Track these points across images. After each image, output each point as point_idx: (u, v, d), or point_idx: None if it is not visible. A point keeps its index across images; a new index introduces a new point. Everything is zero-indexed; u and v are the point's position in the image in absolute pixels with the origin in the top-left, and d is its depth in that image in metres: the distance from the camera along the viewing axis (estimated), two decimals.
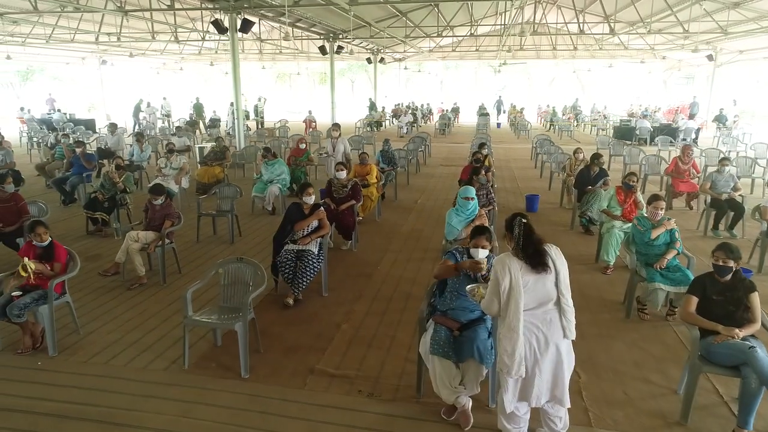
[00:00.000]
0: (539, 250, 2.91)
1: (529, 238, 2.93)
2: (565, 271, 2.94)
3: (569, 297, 2.93)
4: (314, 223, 5.52)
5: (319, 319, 4.98)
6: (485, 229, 3.70)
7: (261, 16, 15.42)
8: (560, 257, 2.96)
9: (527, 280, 2.87)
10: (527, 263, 2.88)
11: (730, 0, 16.30)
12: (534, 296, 2.89)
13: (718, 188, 7.76)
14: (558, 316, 2.92)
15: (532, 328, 2.91)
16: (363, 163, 8.63)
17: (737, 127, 19.31)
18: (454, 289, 3.66)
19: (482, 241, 3.61)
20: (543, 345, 2.92)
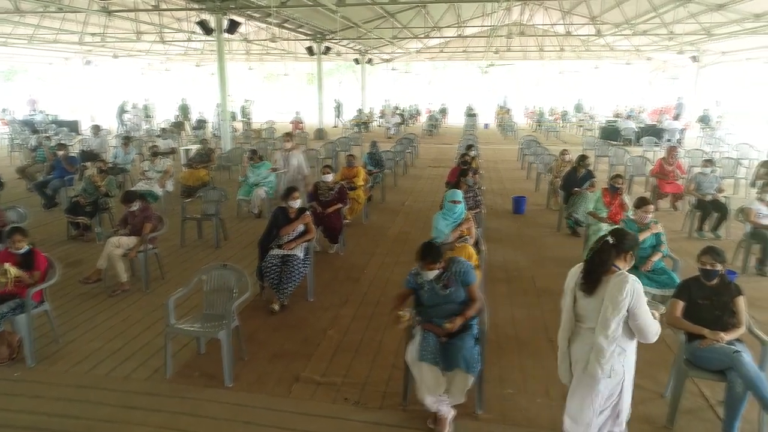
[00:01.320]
0: (594, 271, 2.75)
1: (597, 256, 2.76)
2: (615, 309, 2.63)
3: (603, 336, 2.66)
4: (300, 227, 5.46)
5: (305, 324, 4.93)
6: (430, 254, 3.50)
7: (247, 16, 15.31)
8: (617, 294, 2.63)
9: (580, 294, 2.83)
10: (581, 278, 2.82)
11: (714, 2, 16.45)
12: (582, 311, 2.83)
13: (703, 189, 7.82)
14: (592, 343, 2.76)
15: (578, 341, 2.87)
16: (350, 166, 8.59)
17: (721, 127, 19.52)
18: (428, 305, 3.61)
19: (428, 264, 3.49)
20: (577, 361, 2.87)
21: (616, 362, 2.71)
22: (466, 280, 3.61)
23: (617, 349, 2.70)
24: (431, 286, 3.57)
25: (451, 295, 3.55)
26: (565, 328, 2.91)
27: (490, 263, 6.61)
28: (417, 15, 20.31)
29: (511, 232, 8.09)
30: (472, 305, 3.59)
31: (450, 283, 3.55)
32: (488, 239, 7.62)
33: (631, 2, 17.54)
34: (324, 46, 20.71)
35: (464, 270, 3.62)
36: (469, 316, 3.54)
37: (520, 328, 4.89)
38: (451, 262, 3.66)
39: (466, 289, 3.61)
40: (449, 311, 3.56)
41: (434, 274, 3.54)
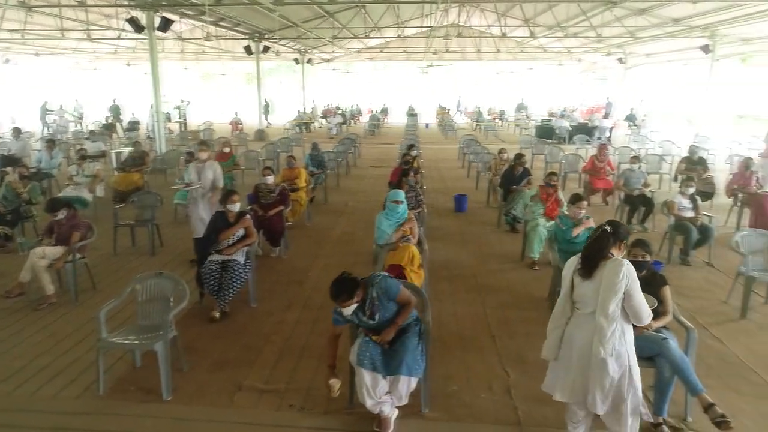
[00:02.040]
0: (591, 257, 2.93)
1: (594, 244, 2.95)
2: (612, 291, 2.80)
3: (603, 317, 2.82)
4: (240, 231, 5.33)
5: (248, 331, 4.81)
6: (341, 292, 3.31)
7: (181, 14, 14.78)
8: (613, 276, 2.80)
9: (578, 281, 2.98)
10: (579, 264, 2.99)
11: (637, 7, 17.36)
12: (580, 297, 2.98)
13: (631, 185, 8.24)
14: (593, 327, 2.88)
15: (574, 326, 3.01)
16: (291, 167, 8.47)
17: (646, 125, 20.65)
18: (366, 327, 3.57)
19: (343, 302, 3.32)
20: (575, 345, 2.99)
21: (618, 344, 2.87)
22: (391, 295, 3.47)
23: (618, 330, 2.86)
24: (358, 318, 3.47)
25: (381, 320, 3.45)
26: (559, 312, 3.08)
27: (434, 261, 6.68)
28: (356, 15, 20.29)
29: (454, 230, 8.22)
30: (404, 310, 3.56)
31: (375, 310, 3.43)
32: (431, 238, 7.72)
33: (562, 6, 18.25)
34: (262, 45, 20.31)
35: (384, 288, 3.45)
36: (401, 322, 3.51)
37: (463, 325, 4.97)
38: (367, 286, 3.43)
39: (396, 301, 3.52)
40: (393, 314, 3.55)
41: (353, 307, 3.37)
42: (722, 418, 3.19)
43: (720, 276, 6.22)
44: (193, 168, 6.73)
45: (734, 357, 4.36)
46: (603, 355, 2.86)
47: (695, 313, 5.17)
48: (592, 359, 2.92)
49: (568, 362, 3.05)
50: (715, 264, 6.57)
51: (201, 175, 6.59)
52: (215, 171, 6.68)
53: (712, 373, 4.11)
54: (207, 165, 6.70)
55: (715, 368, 4.19)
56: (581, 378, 3.00)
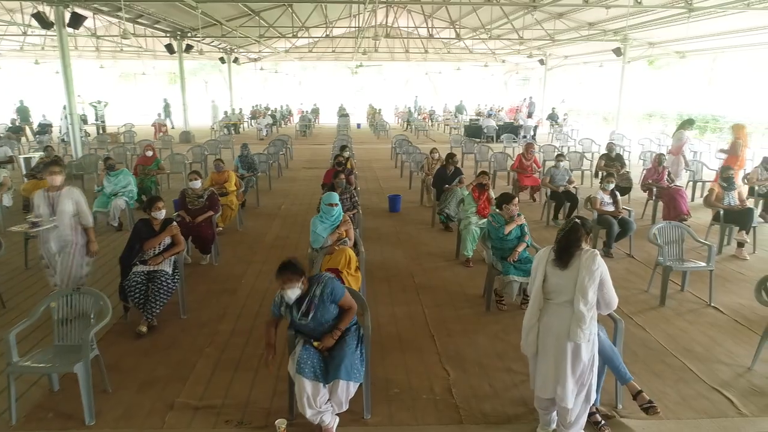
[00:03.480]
0: (567, 248, 3.06)
1: (567, 236, 3.08)
2: (591, 278, 2.98)
3: (583, 304, 2.98)
4: (166, 239, 5.05)
5: (179, 345, 4.56)
6: (288, 267, 3.32)
7: (95, 10, 13.90)
8: (591, 265, 2.99)
9: (552, 272, 3.11)
10: (554, 255, 3.12)
11: (556, 11, 18.18)
12: (555, 288, 3.11)
13: (556, 182, 8.58)
14: (570, 316, 3.03)
15: (548, 316, 3.14)
16: (219, 170, 8.16)
17: (566, 124, 21.68)
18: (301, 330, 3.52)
19: (287, 280, 3.31)
20: (551, 335, 3.12)
21: (592, 328, 3.06)
22: (335, 297, 3.45)
23: (593, 315, 3.04)
24: (292, 314, 3.41)
25: (316, 320, 3.40)
26: (535, 305, 3.20)
27: (370, 263, 6.64)
28: (284, 14, 19.93)
29: (389, 231, 8.24)
30: (346, 315, 3.52)
31: (312, 309, 3.38)
32: (367, 239, 7.69)
33: (485, 9, 18.79)
34: (185, 43, 19.50)
35: (330, 289, 3.42)
36: (343, 328, 3.47)
37: (402, 326, 4.97)
38: (312, 282, 3.45)
39: (338, 305, 3.49)
40: (325, 330, 3.46)
41: (296, 292, 3.33)
42: (650, 404, 3.38)
43: (640, 266, 6.60)
44: (42, 198, 4.89)
45: (656, 343, 4.63)
46: (581, 340, 3.02)
47: (620, 304, 5.43)
48: (567, 347, 3.06)
49: (546, 353, 3.17)
50: (636, 255, 6.96)
51: (55, 208, 4.86)
52: (77, 202, 4.93)
53: (638, 360, 4.33)
54: (63, 193, 4.90)
55: (640, 355, 4.42)
56: (553, 369, 3.13)
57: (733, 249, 7.12)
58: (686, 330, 4.89)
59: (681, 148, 10.36)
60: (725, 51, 18.66)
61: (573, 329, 3.01)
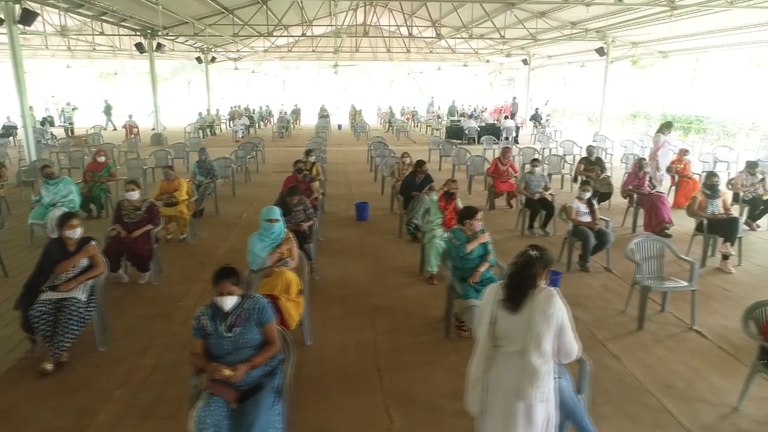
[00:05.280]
0: (518, 287, 2.55)
1: (519, 271, 2.58)
2: (546, 325, 2.46)
3: (537, 356, 2.45)
4: (82, 261, 4.46)
5: (88, 385, 3.96)
6: (229, 275, 3.05)
7: (52, 6, 13.18)
8: (546, 308, 2.46)
9: (501, 314, 2.59)
10: (504, 295, 2.60)
11: (537, 9, 17.75)
12: (504, 333, 2.59)
13: (531, 188, 8.08)
14: (521, 367, 2.49)
15: (497, 367, 2.60)
16: (168, 179, 7.55)
17: (549, 125, 21.27)
18: (216, 355, 3.00)
19: (226, 286, 2.99)
20: (500, 392, 2.56)
21: (547, 384, 2.50)
22: (263, 319, 3.08)
23: (548, 368, 2.51)
24: (215, 328, 2.98)
25: (238, 338, 2.98)
26: (481, 353, 2.63)
27: (326, 279, 6.13)
28: (259, 11, 19.28)
29: (353, 242, 7.68)
30: (265, 350, 3.03)
31: (238, 323, 3.01)
32: (327, 252, 7.16)
33: (467, 8, 18.32)
34: (155, 42, 18.79)
35: (260, 307, 3.11)
36: (259, 363, 2.99)
37: (349, 357, 4.41)
38: (244, 297, 3.12)
39: (262, 330, 3.05)
40: (242, 358, 2.97)
41: (233, 300, 3.02)
42: None
43: (618, 282, 6.10)
44: None
45: (631, 377, 4.11)
46: (534, 399, 2.46)
47: (593, 327, 4.94)
48: (517, 407, 2.51)
49: (493, 413, 2.62)
50: (614, 269, 6.47)
51: None
52: None
53: (610, 399, 3.82)
54: None
55: (612, 393, 3.90)
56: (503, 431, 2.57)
57: (718, 261, 6.65)
58: (666, 360, 4.38)
59: (657, 151, 9.91)
60: (707, 51, 18.36)
61: (524, 387, 2.47)
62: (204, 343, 3.05)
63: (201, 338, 3.04)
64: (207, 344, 3.04)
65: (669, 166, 9.74)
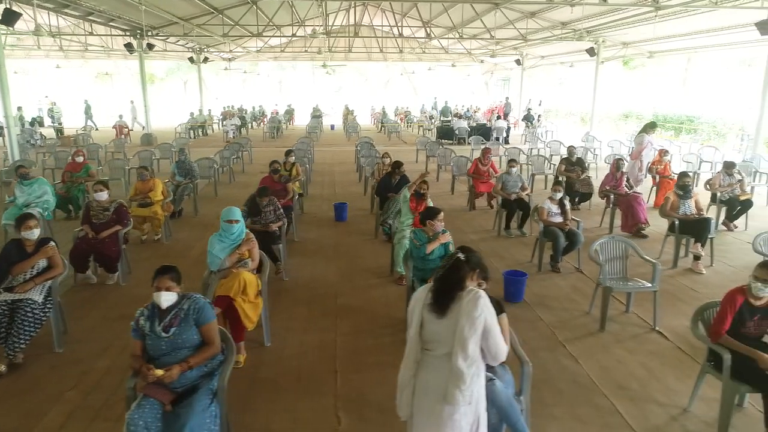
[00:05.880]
0: (446, 291, 2.51)
1: (447, 275, 2.54)
2: (471, 327, 2.42)
3: (462, 359, 2.42)
4: (41, 262, 4.45)
5: (39, 388, 3.95)
6: (167, 271, 3.08)
7: (37, 6, 13.15)
8: (472, 310, 2.42)
9: (429, 318, 2.54)
10: (431, 299, 2.56)
11: (528, 10, 17.74)
12: (432, 337, 2.55)
13: (508, 188, 8.06)
14: (448, 372, 2.46)
15: (425, 371, 2.56)
16: (143, 179, 7.55)
17: (540, 125, 21.26)
18: (153, 356, 2.99)
19: (165, 281, 3.02)
20: (427, 395, 2.52)
21: (474, 387, 2.47)
22: (200, 319, 3.08)
23: (475, 371, 2.48)
24: (152, 328, 2.98)
25: (175, 339, 2.98)
26: (410, 356, 2.60)
27: (296, 280, 6.13)
28: (249, 11, 19.26)
29: (328, 243, 7.66)
30: (203, 350, 3.02)
31: (174, 323, 3.01)
32: (301, 252, 7.15)
33: (457, 9, 18.30)
34: (145, 42, 18.77)
35: (198, 307, 3.11)
36: (195, 363, 2.98)
37: (305, 360, 4.40)
38: (183, 297, 3.13)
39: (200, 330, 3.04)
40: (180, 359, 2.97)
41: (171, 298, 3.03)
42: None
43: (588, 283, 6.07)
44: None
45: (586, 378, 4.10)
46: (459, 402, 2.44)
47: (555, 328, 4.93)
48: (442, 410, 2.48)
49: (421, 417, 2.59)
50: (585, 270, 6.45)
51: None
52: None
53: (563, 400, 3.81)
54: None
55: (566, 394, 3.89)
56: None
57: (690, 262, 6.64)
58: (624, 361, 4.37)
59: (641, 152, 9.89)
60: (697, 51, 18.36)
61: (449, 390, 2.44)
62: (142, 343, 3.04)
63: (139, 339, 3.04)
64: (145, 345, 3.03)
65: (650, 167, 9.72)
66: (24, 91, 30.47)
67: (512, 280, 5.47)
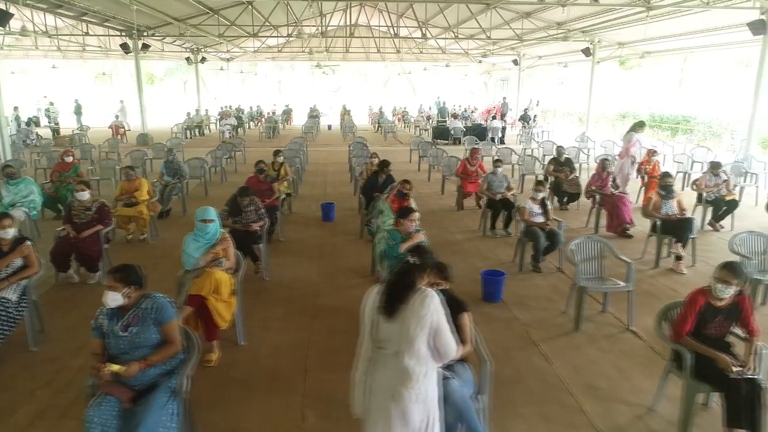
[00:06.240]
0: (394, 294, 2.54)
1: (398, 279, 2.59)
2: (419, 326, 2.45)
3: (409, 357, 2.46)
4: (16, 261, 4.48)
5: (12, 386, 3.98)
6: (117, 271, 3.07)
7: (30, 6, 13.23)
8: (420, 309, 2.45)
9: (381, 318, 2.57)
10: (381, 301, 2.58)
11: (523, 10, 17.75)
12: (384, 336, 2.57)
13: (494, 188, 8.08)
14: (398, 371, 2.49)
15: (378, 369, 2.59)
16: (129, 179, 7.58)
17: (536, 125, 21.26)
18: (113, 354, 3.02)
19: (109, 281, 3.01)
20: (379, 393, 2.56)
21: (423, 385, 2.50)
22: (160, 318, 3.07)
23: (424, 370, 2.51)
24: (111, 327, 2.99)
25: (134, 338, 2.99)
26: (364, 355, 2.65)
27: (276, 282, 6.15)
28: (245, 12, 19.29)
29: (313, 242, 7.69)
30: (164, 349, 3.04)
31: (133, 322, 3.01)
32: (284, 252, 7.19)
33: (452, 9, 18.31)
34: (141, 42, 18.82)
35: (157, 306, 3.10)
36: (155, 362, 3.00)
37: (279, 360, 4.42)
38: (143, 297, 3.12)
39: (160, 329, 3.05)
40: (139, 357, 2.99)
41: (116, 299, 2.98)
42: None
43: (568, 283, 6.01)
44: None
45: (556, 377, 4.11)
46: (410, 401, 2.47)
47: (531, 328, 4.95)
48: (392, 408, 2.50)
49: (373, 415, 2.63)
50: (566, 270, 6.45)
51: None
52: None
53: (531, 400, 3.83)
54: None
55: (536, 393, 3.91)
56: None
57: (672, 262, 6.65)
58: (595, 360, 4.39)
59: (629, 150, 9.89)
60: (693, 51, 18.35)
61: (398, 388, 2.48)
62: (102, 342, 3.06)
63: (99, 337, 3.06)
64: (105, 344, 3.06)
65: (638, 167, 9.73)
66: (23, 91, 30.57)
67: (490, 280, 5.49)
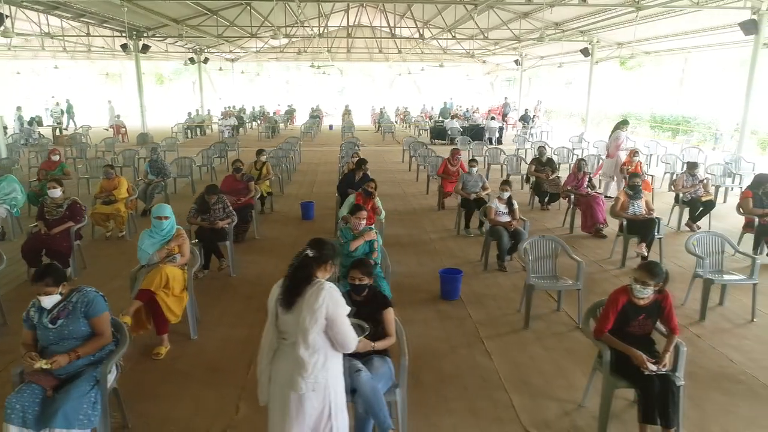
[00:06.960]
0: (294, 287, 2.60)
1: (295, 272, 2.64)
2: (312, 318, 2.51)
3: (304, 348, 2.53)
4: None
5: None
6: (47, 274, 3.11)
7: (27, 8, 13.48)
8: (313, 302, 2.51)
9: (281, 310, 2.64)
10: (280, 293, 2.67)
11: (521, 10, 17.72)
12: (284, 326, 2.64)
13: (468, 188, 8.12)
14: (294, 360, 2.57)
15: (280, 359, 2.66)
16: (109, 177, 7.74)
17: (534, 125, 21.22)
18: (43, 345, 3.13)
19: (41, 288, 3.08)
20: (278, 379, 2.65)
21: (320, 375, 2.57)
22: (89, 312, 3.19)
23: (320, 360, 2.56)
24: (40, 317, 3.11)
25: (62, 330, 3.10)
26: (266, 345, 2.72)
27: (242, 278, 6.27)
28: (244, 12, 19.46)
29: (287, 240, 7.79)
30: (92, 341, 3.15)
31: (62, 315, 3.12)
32: (256, 250, 7.31)
33: (450, 9, 18.34)
34: (141, 43, 19.08)
35: (87, 300, 3.20)
36: (83, 353, 3.11)
37: (227, 352, 4.52)
38: (73, 290, 3.23)
39: (90, 322, 3.17)
40: (67, 349, 3.10)
41: (54, 299, 3.10)
42: None
43: None
44: None
45: (495, 374, 4.17)
46: (304, 390, 2.55)
47: (480, 325, 5.01)
48: (289, 396, 2.59)
49: (274, 403, 2.71)
50: None
51: None
52: None
53: (465, 395, 3.89)
54: None
55: (470, 389, 3.97)
56: (280, 423, 2.65)
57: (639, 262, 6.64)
58: (537, 358, 4.43)
59: (618, 149, 9.86)
60: (692, 51, 18.20)
61: (293, 377, 2.56)
62: (33, 333, 3.18)
63: (29, 329, 3.17)
64: (35, 335, 3.17)
65: (621, 167, 9.71)
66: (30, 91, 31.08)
67: (447, 278, 5.55)
